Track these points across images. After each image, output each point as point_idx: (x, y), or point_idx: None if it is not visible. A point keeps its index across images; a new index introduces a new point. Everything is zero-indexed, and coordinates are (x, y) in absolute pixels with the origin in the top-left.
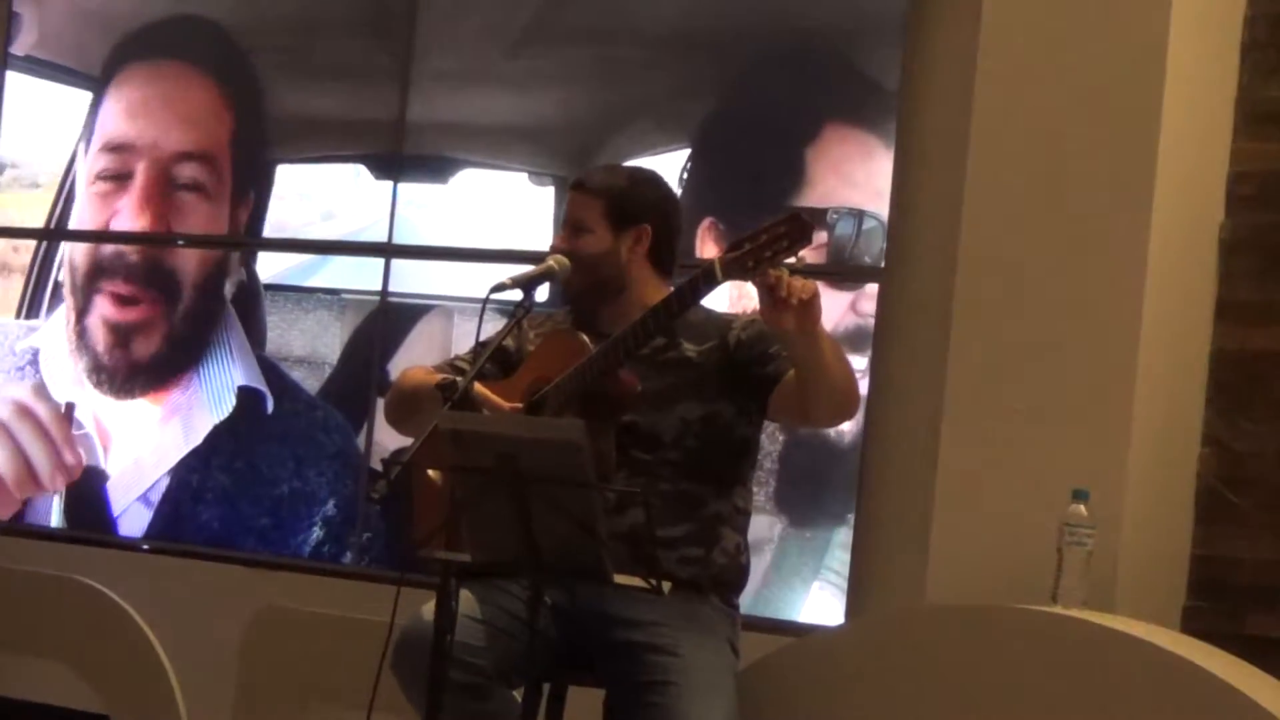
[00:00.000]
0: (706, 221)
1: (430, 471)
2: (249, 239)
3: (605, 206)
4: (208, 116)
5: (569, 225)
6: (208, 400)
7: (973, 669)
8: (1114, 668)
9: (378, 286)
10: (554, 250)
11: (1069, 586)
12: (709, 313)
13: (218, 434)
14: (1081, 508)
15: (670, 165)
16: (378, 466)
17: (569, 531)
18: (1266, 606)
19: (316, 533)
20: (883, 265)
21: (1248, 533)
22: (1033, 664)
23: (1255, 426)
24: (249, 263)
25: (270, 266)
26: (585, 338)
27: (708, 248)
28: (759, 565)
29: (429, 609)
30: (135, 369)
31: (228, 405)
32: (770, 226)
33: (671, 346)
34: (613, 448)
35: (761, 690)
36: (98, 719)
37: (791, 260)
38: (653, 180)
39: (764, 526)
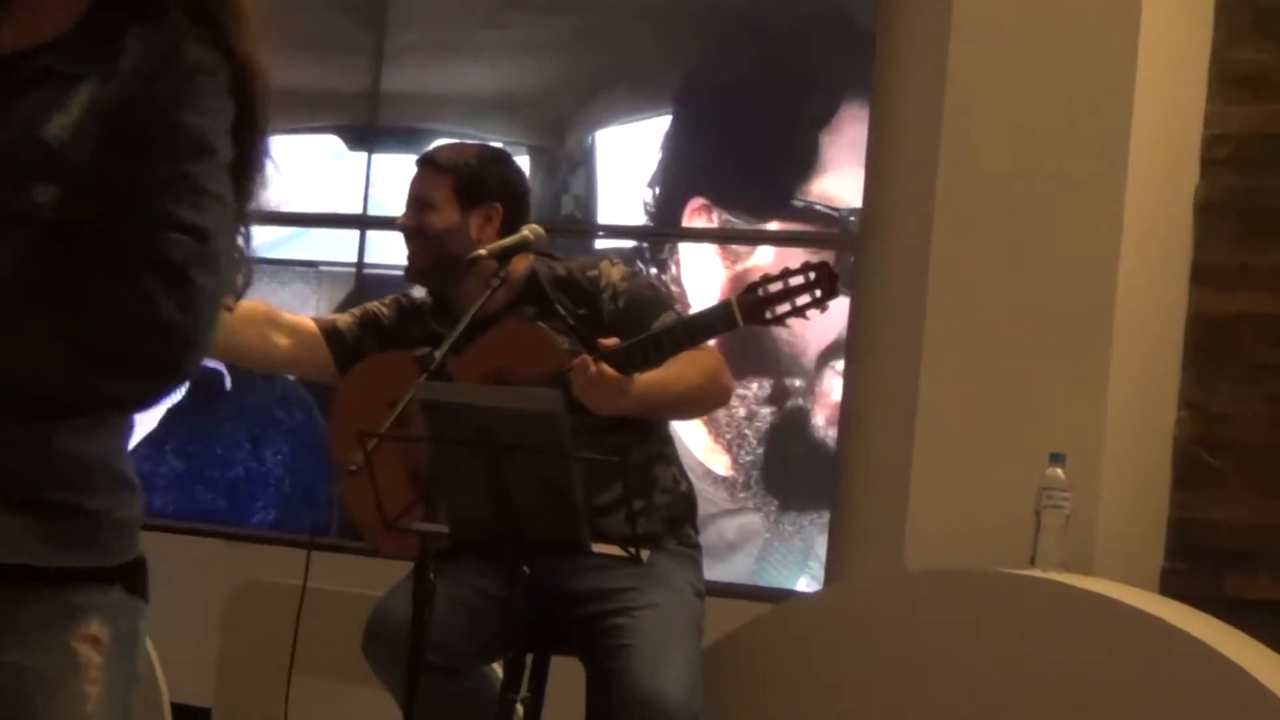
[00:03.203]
0: (697, 202)
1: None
2: None
3: (454, 184)
4: None
5: (414, 202)
6: None
7: (951, 633)
8: (1092, 630)
9: (354, 258)
10: (399, 227)
11: (1047, 550)
12: (568, 264)
13: (172, 415)
14: (1059, 471)
15: (645, 133)
16: None
17: (546, 503)
18: (1244, 568)
19: (273, 513)
20: (857, 231)
21: (1225, 495)
22: (1011, 627)
23: (1232, 389)
24: None
25: None
26: (544, 326)
27: (694, 222)
28: (746, 560)
29: (397, 590)
30: None
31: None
32: (796, 272)
33: (548, 313)
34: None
35: (741, 656)
36: None
37: (817, 312)
38: (502, 159)
39: (749, 522)
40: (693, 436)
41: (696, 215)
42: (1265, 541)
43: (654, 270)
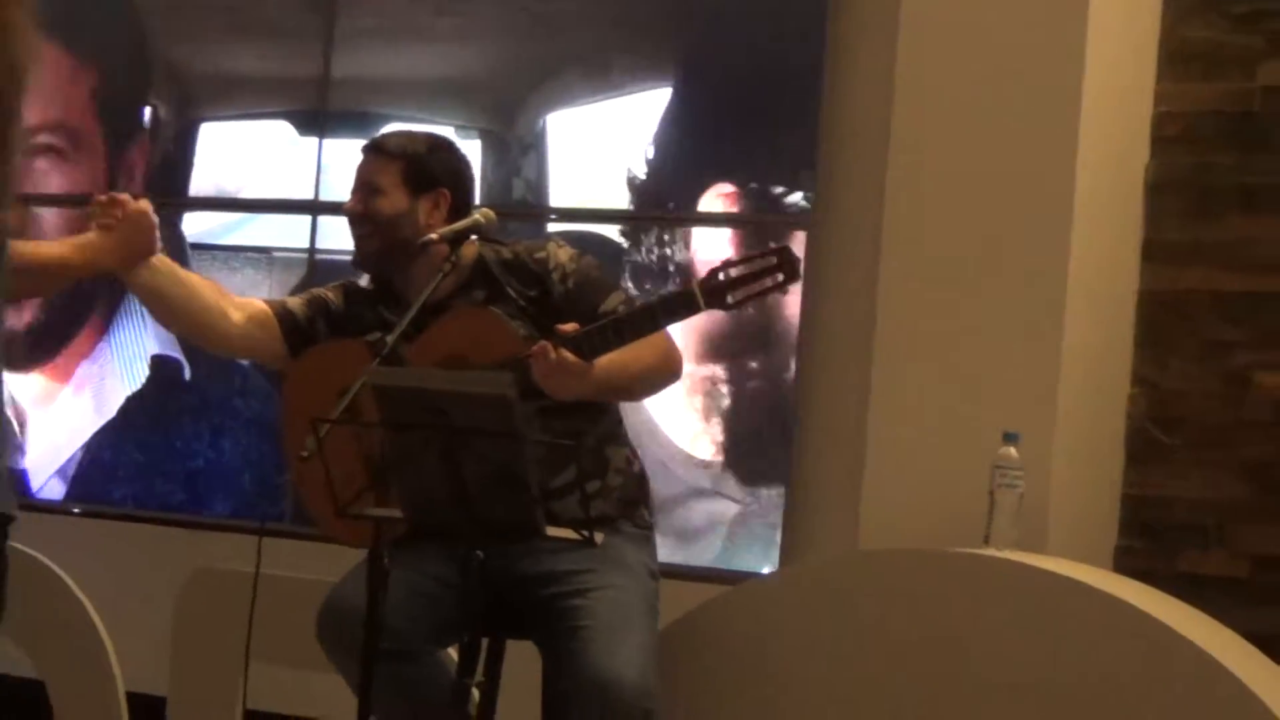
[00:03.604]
0: (722, 189)
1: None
2: (174, 198)
3: (403, 170)
4: (55, 86)
5: (362, 187)
6: (120, 370)
7: (906, 613)
8: (1047, 608)
9: (306, 244)
10: (346, 212)
11: (1001, 528)
12: (514, 247)
13: (131, 405)
14: (1012, 450)
15: (597, 116)
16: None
17: (500, 487)
18: (1198, 544)
19: (231, 504)
20: (810, 212)
21: (1178, 471)
22: (966, 606)
23: (1184, 365)
24: (174, 222)
25: (195, 225)
26: (497, 311)
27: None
28: (713, 545)
29: (350, 577)
30: (11, 342)
31: (141, 374)
32: (758, 256)
33: (498, 296)
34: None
35: (697, 638)
36: (32, 685)
37: (779, 296)
38: (448, 146)
39: (718, 509)
40: (676, 415)
41: (718, 201)
42: (1219, 517)
43: (667, 253)
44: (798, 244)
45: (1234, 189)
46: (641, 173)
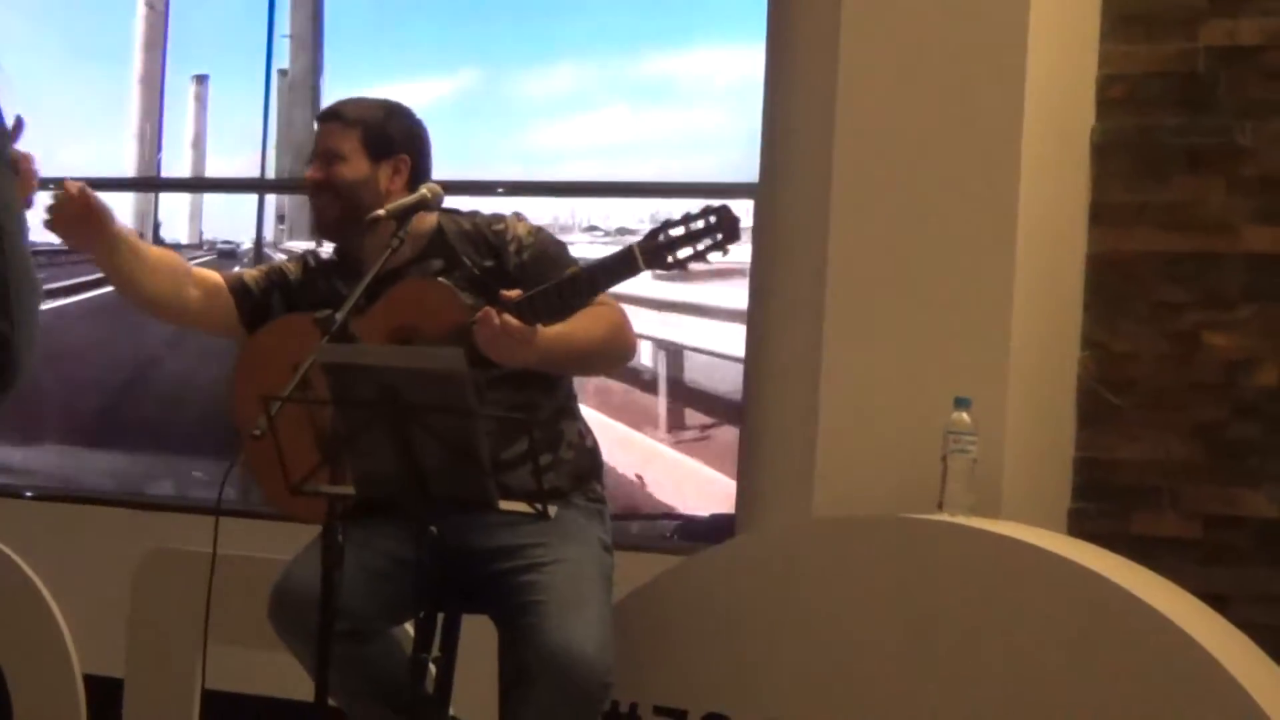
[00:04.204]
0: None
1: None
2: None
3: (362, 136)
4: None
5: (322, 155)
6: None
7: (861, 580)
8: (1002, 573)
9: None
10: (308, 181)
11: (954, 494)
12: (474, 218)
13: None
14: (964, 415)
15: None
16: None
17: (452, 461)
18: (1150, 506)
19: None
20: (758, 180)
21: (1129, 433)
22: (921, 572)
23: (1133, 328)
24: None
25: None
26: (445, 281)
27: None
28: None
29: (302, 557)
30: None
31: None
32: (697, 216)
33: (454, 265)
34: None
35: (652, 609)
36: None
37: (719, 256)
38: (406, 111)
39: None
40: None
41: None
42: (1170, 479)
43: None
44: (747, 212)
45: (1179, 150)
46: None
